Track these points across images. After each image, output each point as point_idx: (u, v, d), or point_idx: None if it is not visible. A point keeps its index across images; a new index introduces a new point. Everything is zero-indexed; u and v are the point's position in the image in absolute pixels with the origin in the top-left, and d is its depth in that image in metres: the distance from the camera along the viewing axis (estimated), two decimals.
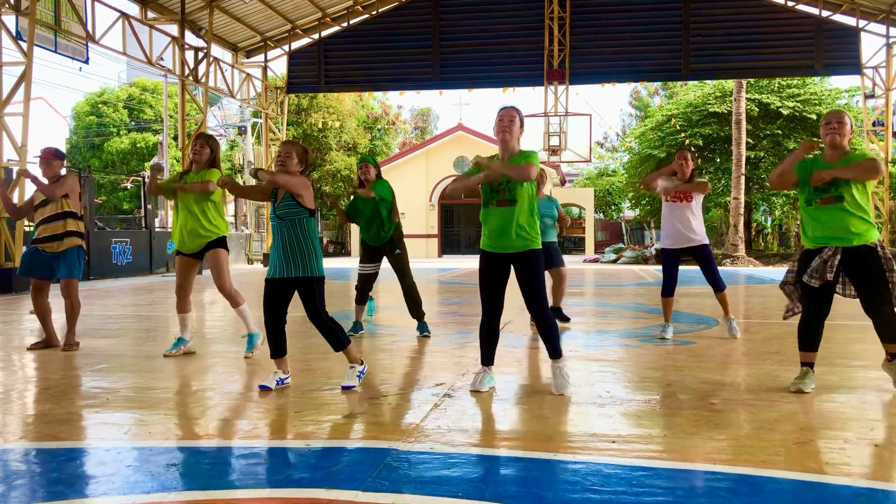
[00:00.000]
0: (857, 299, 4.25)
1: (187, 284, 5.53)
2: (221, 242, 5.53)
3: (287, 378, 4.43)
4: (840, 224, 4.11)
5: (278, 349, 4.40)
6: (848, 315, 7.52)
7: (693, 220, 6.23)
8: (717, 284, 6.28)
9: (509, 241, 4.16)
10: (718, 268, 6.49)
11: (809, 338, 4.29)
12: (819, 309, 4.23)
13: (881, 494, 2.66)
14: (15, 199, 12.15)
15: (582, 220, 34.21)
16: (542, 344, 5.99)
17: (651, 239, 35.59)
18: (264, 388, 4.29)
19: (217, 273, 5.50)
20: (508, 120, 4.21)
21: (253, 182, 14.46)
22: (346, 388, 4.29)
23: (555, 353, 4.27)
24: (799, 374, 4.36)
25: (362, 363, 4.48)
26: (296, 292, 4.38)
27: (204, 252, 5.49)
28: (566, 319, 7.19)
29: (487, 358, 4.35)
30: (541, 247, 4.28)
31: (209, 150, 5.51)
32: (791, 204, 27.43)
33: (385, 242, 6.36)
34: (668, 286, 6.32)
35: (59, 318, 6.37)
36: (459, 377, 4.68)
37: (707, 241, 6.30)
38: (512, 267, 4.23)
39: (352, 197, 6.44)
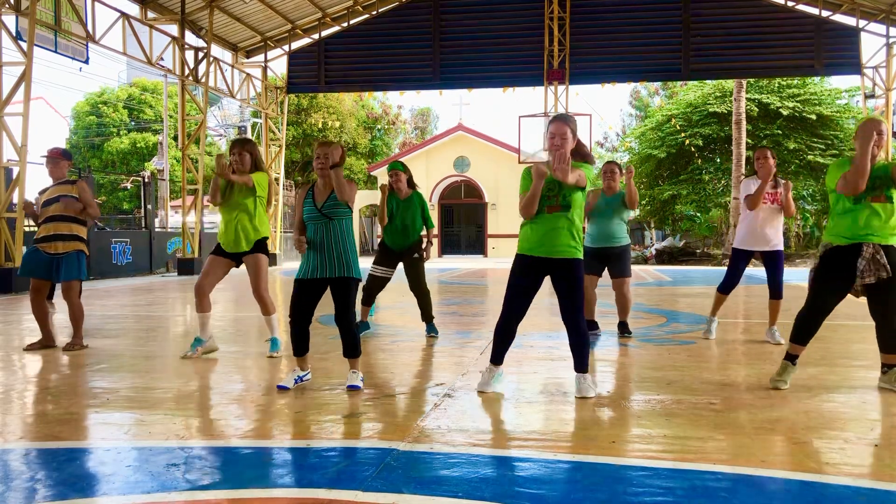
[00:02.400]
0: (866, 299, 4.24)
1: (210, 285, 5.45)
2: (263, 247, 5.50)
3: (307, 375, 4.44)
4: (886, 222, 4.14)
5: (302, 348, 4.40)
6: (848, 315, 7.52)
7: (778, 224, 6.11)
8: (779, 292, 6.17)
9: (556, 247, 4.08)
10: (719, 268, 6.49)
11: (809, 331, 4.31)
12: (830, 305, 4.26)
13: (881, 494, 2.66)
14: (15, 199, 12.17)
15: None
16: (539, 343, 6.03)
17: (651, 239, 35.59)
18: (282, 389, 4.28)
19: (255, 278, 5.46)
20: (560, 138, 4.01)
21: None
22: (353, 388, 4.29)
23: (582, 366, 4.18)
24: (779, 368, 4.40)
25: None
26: (323, 293, 4.39)
27: (242, 255, 5.44)
28: (629, 334, 6.44)
29: (499, 357, 4.31)
30: (583, 257, 4.21)
31: (248, 156, 5.42)
32: None
33: (408, 246, 6.38)
34: (729, 284, 6.25)
35: (61, 319, 6.38)
36: (459, 377, 4.68)
37: (782, 248, 6.19)
38: (549, 275, 4.16)
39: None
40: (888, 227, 4.16)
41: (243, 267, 5.55)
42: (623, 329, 6.46)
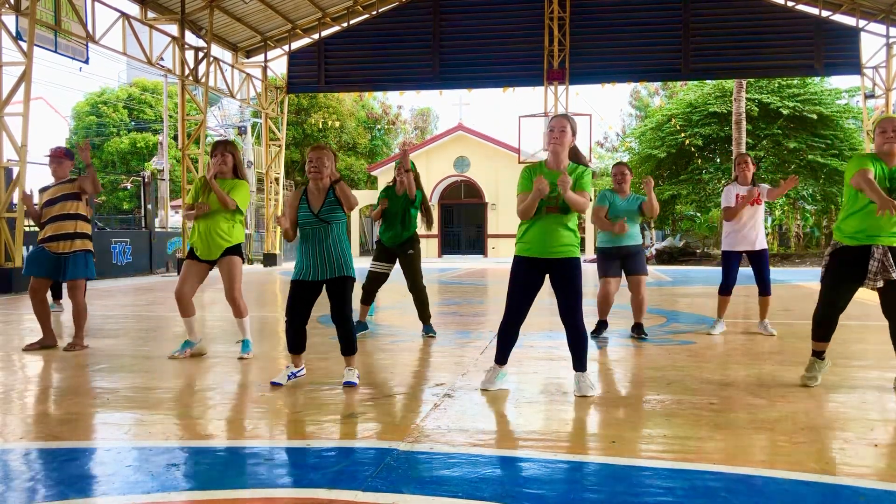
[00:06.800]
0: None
1: (191, 290, 5.43)
2: (237, 250, 5.48)
3: (301, 370, 4.50)
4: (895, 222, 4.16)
5: (298, 346, 4.46)
6: (848, 315, 7.50)
7: (759, 225, 6.43)
8: (767, 289, 6.51)
9: (554, 246, 4.11)
10: (719, 268, 6.57)
11: (827, 327, 4.39)
12: (843, 302, 4.33)
13: (881, 494, 2.66)
14: (15, 199, 12.17)
15: (582, 221, 34.22)
16: (539, 343, 6.02)
17: (651, 239, 35.57)
18: (275, 385, 4.34)
19: (229, 281, 5.43)
20: (559, 131, 4.11)
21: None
22: (349, 385, 4.33)
23: (580, 365, 4.20)
24: (808, 365, 4.47)
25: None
26: (319, 293, 4.46)
27: (217, 259, 5.42)
28: (645, 336, 6.38)
29: (503, 357, 4.35)
30: (600, 258, 4.21)
31: (231, 158, 5.44)
32: (791, 204, 27.39)
33: (402, 242, 6.39)
34: (727, 285, 6.55)
35: (65, 318, 6.38)
36: (459, 377, 4.68)
37: (766, 246, 6.51)
38: (548, 274, 4.18)
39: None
40: None
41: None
42: (639, 330, 6.43)
